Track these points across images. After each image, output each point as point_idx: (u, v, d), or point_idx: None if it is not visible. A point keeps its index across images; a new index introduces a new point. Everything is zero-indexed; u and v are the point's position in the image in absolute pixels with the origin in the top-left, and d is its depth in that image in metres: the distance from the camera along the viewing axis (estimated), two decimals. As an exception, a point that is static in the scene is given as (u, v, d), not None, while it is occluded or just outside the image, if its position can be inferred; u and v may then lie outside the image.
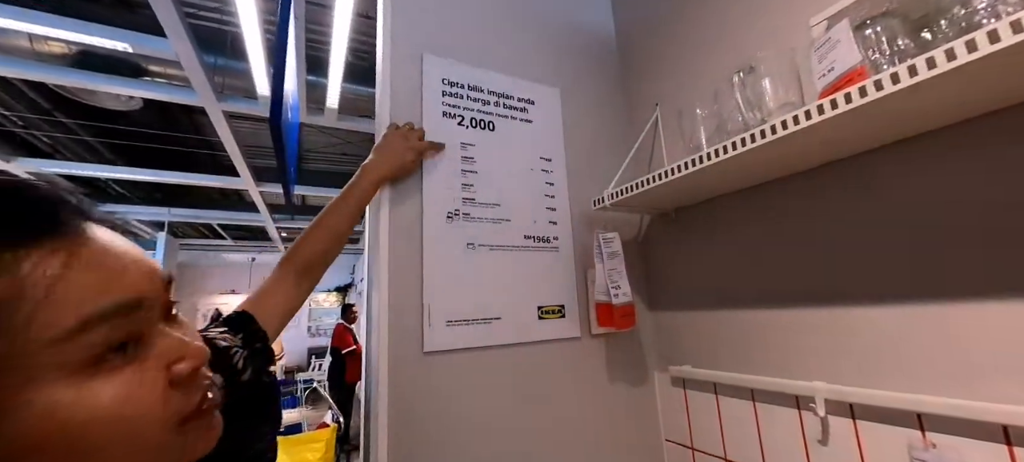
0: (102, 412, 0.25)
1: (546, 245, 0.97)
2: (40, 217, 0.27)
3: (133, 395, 0.27)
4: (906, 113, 0.55)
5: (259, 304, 0.61)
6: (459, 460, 0.79)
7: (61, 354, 0.25)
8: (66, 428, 0.25)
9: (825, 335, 0.73)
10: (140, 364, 0.28)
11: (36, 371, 0.24)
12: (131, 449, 0.27)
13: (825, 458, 0.72)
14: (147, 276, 0.30)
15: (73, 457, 0.25)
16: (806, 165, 0.75)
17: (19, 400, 0.24)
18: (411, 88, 0.90)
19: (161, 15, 2.01)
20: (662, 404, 1.04)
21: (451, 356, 0.82)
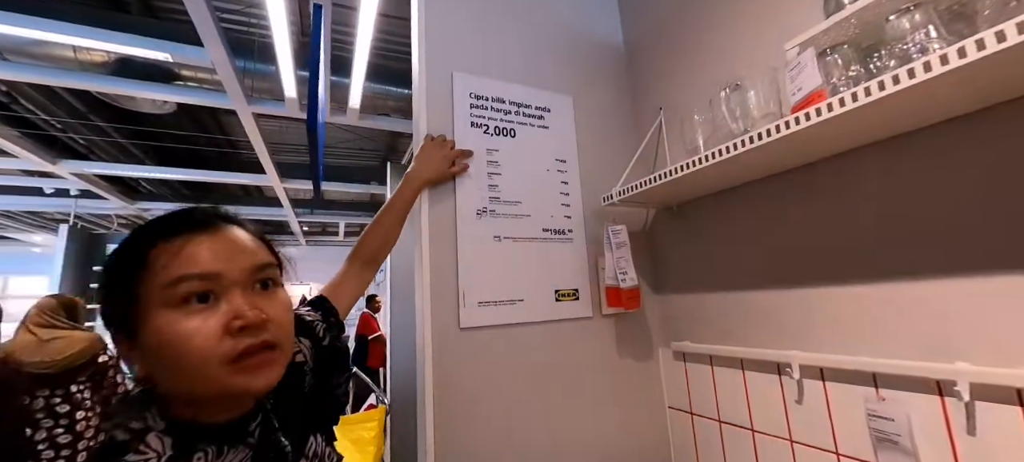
0: (178, 335, 0.40)
1: (562, 236, 1.11)
2: (194, 221, 0.46)
3: (196, 329, 0.41)
4: (858, 126, 0.67)
5: (334, 290, 0.77)
6: (490, 418, 0.95)
7: (166, 296, 0.41)
8: (164, 340, 0.41)
9: (800, 312, 0.86)
10: (211, 313, 0.42)
11: (156, 303, 0.41)
12: (197, 365, 0.41)
13: (800, 413, 0.85)
14: (227, 260, 0.44)
15: (171, 360, 0.41)
16: (783, 167, 0.87)
17: (152, 318, 0.41)
18: (443, 103, 1.04)
19: (200, 26, 2.17)
20: (665, 375, 1.18)
21: (483, 332, 0.97)
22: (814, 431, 0.83)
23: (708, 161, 0.82)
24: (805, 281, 0.85)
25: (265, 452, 0.47)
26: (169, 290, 0.41)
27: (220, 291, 0.43)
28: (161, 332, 0.40)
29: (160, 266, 0.41)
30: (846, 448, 0.78)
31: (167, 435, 0.42)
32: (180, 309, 0.41)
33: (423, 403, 0.90)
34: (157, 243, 0.43)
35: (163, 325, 0.40)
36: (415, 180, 0.94)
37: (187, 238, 0.43)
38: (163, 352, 0.40)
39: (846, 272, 0.79)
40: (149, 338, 0.41)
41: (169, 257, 0.42)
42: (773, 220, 0.92)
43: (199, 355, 0.40)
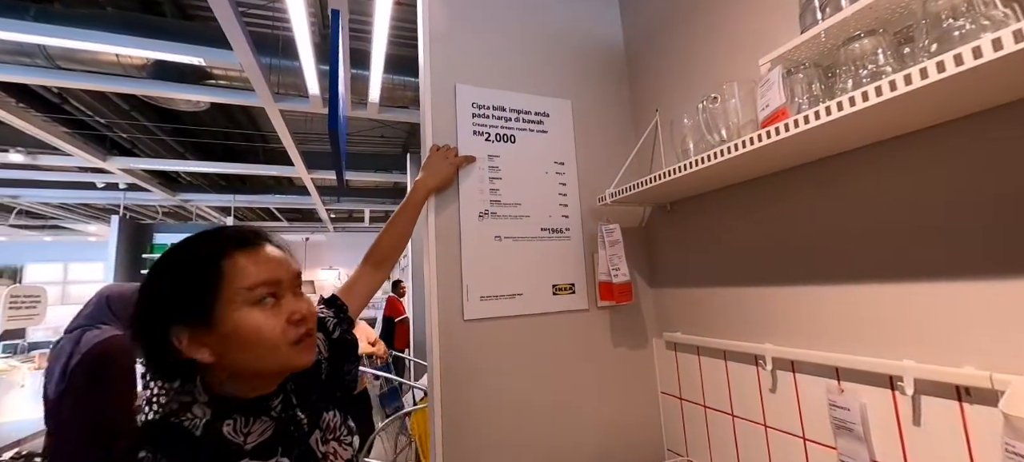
0: (255, 325, 0.54)
1: (559, 235, 1.19)
2: (251, 238, 0.59)
3: (268, 322, 0.55)
4: (818, 141, 0.72)
5: (347, 290, 0.90)
6: (493, 403, 1.06)
7: (247, 295, 0.54)
8: (242, 329, 0.53)
9: (774, 308, 0.92)
10: (276, 309, 0.56)
11: (240, 300, 0.54)
12: (268, 349, 0.54)
13: (773, 401, 0.92)
14: (284, 269, 0.58)
15: (249, 343, 0.54)
16: (759, 173, 0.92)
17: (235, 310, 0.53)
18: (447, 113, 1.13)
19: (225, 26, 2.31)
20: (658, 364, 1.26)
21: (485, 323, 1.08)
22: (785, 417, 0.90)
23: (689, 169, 0.88)
24: (779, 279, 0.91)
25: (285, 423, 0.60)
26: (250, 292, 0.54)
27: (280, 293, 0.57)
28: (243, 323, 0.53)
29: (239, 271, 0.54)
30: (811, 434, 0.85)
31: (208, 406, 0.55)
32: (256, 306, 0.54)
33: (432, 387, 1.02)
34: (229, 252, 0.55)
35: (245, 317, 0.53)
36: (422, 187, 1.04)
37: (256, 251, 0.57)
38: (243, 337, 0.53)
39: (814, 272, 0.84)
40: (229, 327, 0.53)
41: (246, 264, 0.55)
42: (752, 221, 0.97)
43: (272, 339, 0.54)
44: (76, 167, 4.33)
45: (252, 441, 0.55)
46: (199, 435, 0.52)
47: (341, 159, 2.34)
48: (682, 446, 1.18)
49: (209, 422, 0.53)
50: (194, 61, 2.65)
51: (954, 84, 0.51)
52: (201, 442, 0.52)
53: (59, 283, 8.02)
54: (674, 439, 1.21)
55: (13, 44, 2.78)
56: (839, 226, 0.80)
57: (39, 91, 3.51)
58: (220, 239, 0.57)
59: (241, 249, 0.56)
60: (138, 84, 3.02)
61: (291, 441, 0.59)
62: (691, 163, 0.87)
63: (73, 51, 2.85)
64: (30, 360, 2.94)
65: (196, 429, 0.53)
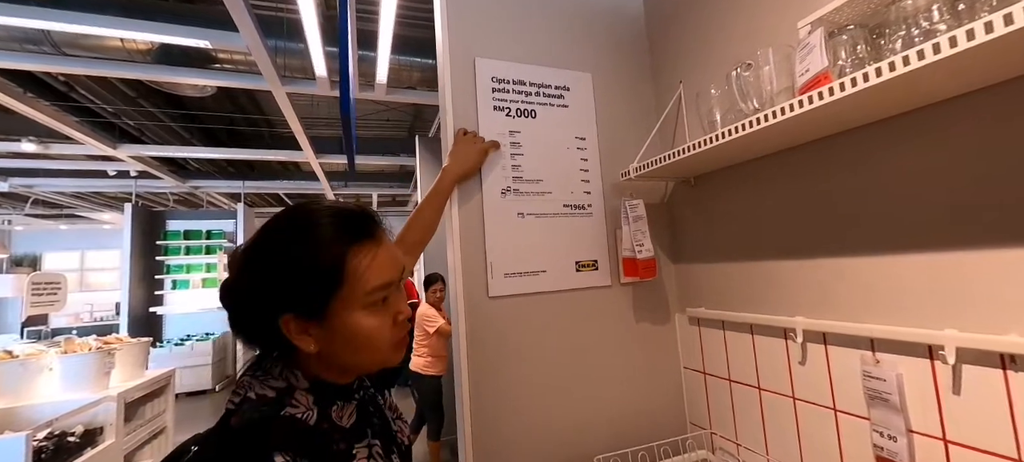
0: (368, 329, 0.52)
1: (581, 211, 1.18)
2: (371, 227, 0.55)
3: (381, 324, 0.53)
4: (862, 106, 0.70)
5: None
6: (518, 378, 1.07)
7: (365, 299, 0.52)
8: (355, 331, 0.51)
9: (806, 281, 0.91)
10: (387, 311, 0.54)
11: (358, 303, 0.51)
12: (376, 349, 0.53)
13: (802, 373, 0.92)
14: (398, 267, 0.56)
15: (359, 344, 0.52)
16: (794, 143, 0.90)
17: (350, 312, 0.51)
18: (467, 89, 1.11)
19: (233, 12, 2.27)
20: (681, 338, 1.26)
21: (509, 300, 1.08)
22: (815, 390, 0.90)
23: (721, 140, 0.86)
24: (810, 252, 0.90)
25: (366, 405, 0.60)
26: (368, 297, 0.51)
27: (391, 293, 0.55)
28: (357, 325, 0.51)
29: (359, 274, 0.51)
30: (843, 404, 0.85)
31: (310, 393, 0.52)
32: (372, 309, 0.52)
33: (459, 364, 1.03)
34: (352, 247, 0.51)
35: (359, 320, 0.51)
36: (449, 175, 1.03)
37: (375, 247, 0.53)
38: (352, 338, 0.51)
39: (848, 244, 0.83)
40: (341, 327, 0.51)
41: (367, 266, 0.51)
42: (783, 193, 0.95)
43: (382, 342, 0.53)
44: (86, 155, 4.35)
45: (347, 424, 0.54)
46: (314, 425, 0.50)
47: (352, 142, 2.33)
48: (705, 419, 1.19)
49: (320, 411, 0.51)
50: (199, 44, 2.62)
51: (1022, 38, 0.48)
52: (320, 433, 0.50)
53: (77, 270, 8.18)
54: (697, 413, 1.22)
55: (19, 31, 2.77)
56: (876, 196, 0.78)
57: (47, 80, 3.50)
58: (343, 227, 0.53)
59: (364, 244, 0.52)
60: (143, 69, 3.00)
61: (373, 422, 0.59)
62: (723, 134, 0.85)
63: (78, 37, 2.84)
64: (56, 345, 3.02)
65: (309, 418, 0.50)
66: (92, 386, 2.77)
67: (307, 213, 0.53)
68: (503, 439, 1.03)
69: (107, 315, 7.48)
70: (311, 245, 0.51)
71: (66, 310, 6.69)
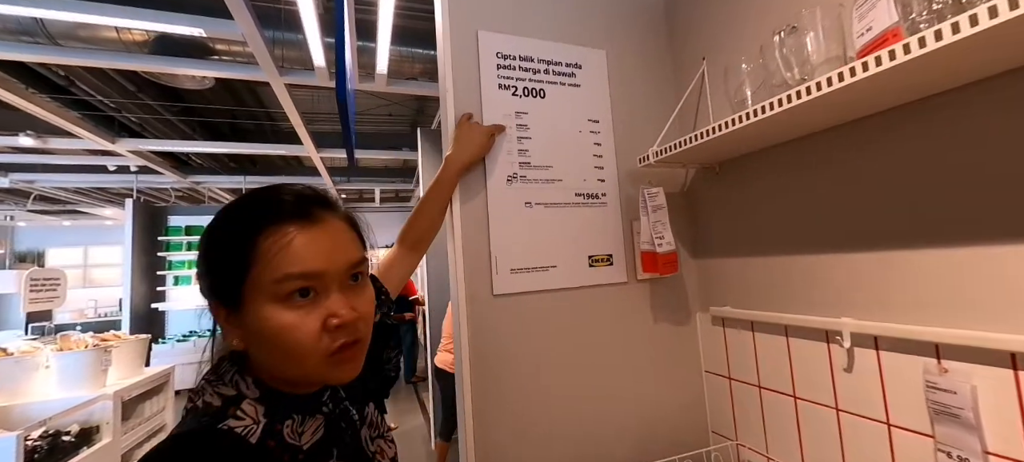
0: (282, 328, 0.42)
1: (595, 201, 1.07)
2: (304, 208, 0.46)
3: (297, 325, 0.43)
4: (936, 68, 0.59)
5: (385, 271, 0.83)
6: (525, 382, 0.97)
7: (273, 290, 0.43)
8: (268, 330, 0.43)
9: (854, 276, 0.80)
10: (311, 309, 0.44)
11: (263, 293, 0.43)
12: (296, 357, 0.43)
13: (849, 381, 0.81)
14: (328, 258, 0.45)
15: (271, 346, 0.44)
16: (844, 119, 0.79)
17: (257, 306, 0.43)
18: (469, 65, 1.00)
19: (228, 0, 2.19)
20: (703, 340, 1.16)
21: (516, 298, 0.98)
22: (864, 401, 0.79)
23: (758, 116, 0.75)
24: (859, 244, 0.79)
25: (337, 420, 0.51)
26: (276, 285, 0.42)
27: (320, 288, 0.44)
28: (266, 321, 0.42)
29: (269, 258, 0.43)
30: (899, 419, 0.74)
31: (260, 403, 0.45)
32: (284, 303, 0.43)
33: (461, 368, 0.93)
34: (265, 229, 0.44)
35: (269, 315, 0.42)
36: (454, 163, 0.93)
37: (296, 230, 0.44)
38: (265, 337, 0.43)
39: (909, 233, 0.72)
40: (253, 322, 0.43)
41: (277, 250, 0.43)
42: (827, 177, 0.84)
43: (299, 348, 0.43)
44: (86, 150, 4.30)
45: (306, 442, 0.46)
46: (257, 442, 0.43)
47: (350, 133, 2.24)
48: (730, 429, 1.08)
49: (267, 426, 0.44)
50: (193, 32, 2.53)
51: None
52: (263, 452, 0.43)
53: (80, 266, 8.18)
54: (721, 421, 1.11)
55: (13, 21, 2.71)
56: (945, 177, 0.67)
57: (47, 74, 3.45)
58: (266, 205, 0.46)
59: (283, 225, 0.44)
60: (139, 60, 2.92)
61: (343, 440, 0.50)
62: (760, 110, 0.74)
63: (74, 28, 2.78)
64: (53, 342, 2.96)
65: (251, 434, 0.43)
66: (88, 384, 2.71)
67: (248, 195, 0.49)
68: (506, 449, 0.93)
69: (111, 311, 7.47)
70: (228, 224, 0.47)
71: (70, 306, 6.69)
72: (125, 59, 2.92)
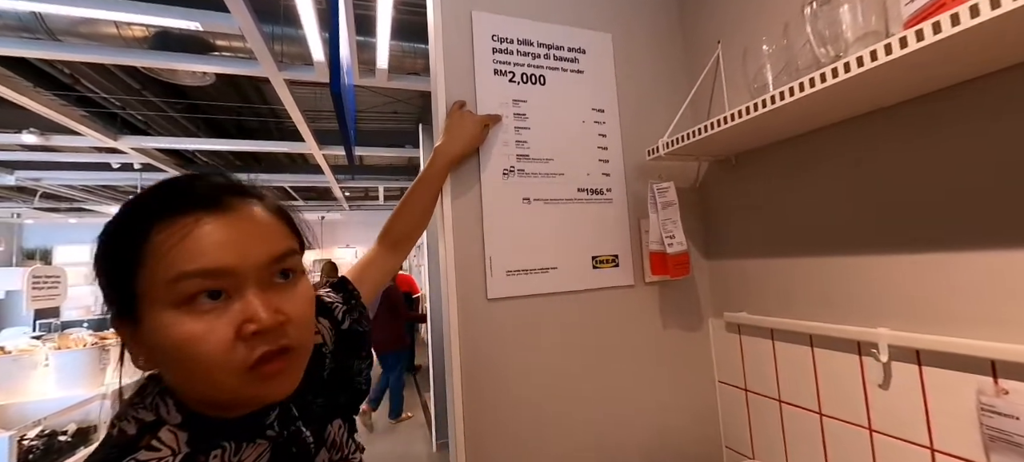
0: (182, 340, 0.35)
1: (599, 197, 0.99)
2: (206, 195, 0.38)
3: (202, 335, 0.35)
4: (1011, 38, 0.50)
5: (359, 272, 0.73)
6: (521, 395, 0.89)
7: (170, 292, 0.35)
8: (167, 344, 0.35)
9: (890, 281, 0.71)
10: (222, 312, 0.36)
11: (159, 298, 0.35)
12: (207, 373, 0.36)
13: (885, 401, 0.72)
14: (240, 251, 0.37)
15: (176, 362, 0.37)
16: (880, 104, 0.70)
17: (154, 315, 0.36)
18: (462, 48, 0.92)
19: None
20: (716, 348, 1.07)
21: (512, 302, 0.90)
22: (902, 422, 0.70)
23: (784, 99, 0.66)
24: (903, 244, 0.70)
25: (286, 445, 0.43)
26: (172, 287, 0.35)
27: (232, 289, 0.37)
28: (165, 331, 0.35)
29: (162, 254, 0.35)
30: (945, 444, 0.65)
31: (183, 430, 0.38)
32: (186, 308, 0.35)
33: (451, 379, 0.85)
34: (156, 223, 0.36)
35: (167, 324, 0.35)
36: (444, 155, 0.85)
37: (194, 220, 0.36)
38: (168, 353, 0.36)
39: (961, 234, 0.62)
40: (151, 335, 0.36)
41: (171, 245, 0.35)
42: (861, 169, 0.75)
43: (208, 362, 0.35)
44: (90, 147, 4.30)
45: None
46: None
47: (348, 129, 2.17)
48: (746, 445, 0.99)
49: (188, 457, 0.37)
50: (190, 26, 2.49)
51: None
52: None
53: (87, 264, 8.24)
54: (735, 437, 1.02)
55: (13, 17, 2.70)
56: (1007, 168, 0.58)
57: (51, 72, 3.44)
58: (166, 194, 0.39)
59: (182, 215, 0.36)
60: (138, 55, 2.89)
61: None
62: (789, 91, 0.65)
63: (74, 25, 2.77)
64: (51, 340, 2.95)
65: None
66: (86, 383, 2.68)
67: (152, 186, 0.40)
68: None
69: (118, 309, 7.50)
70: (121, 218, 0.39)
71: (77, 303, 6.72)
72: (124, 54, 2.89)
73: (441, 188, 0.86)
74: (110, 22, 2.75)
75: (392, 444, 3.71)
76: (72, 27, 2.87)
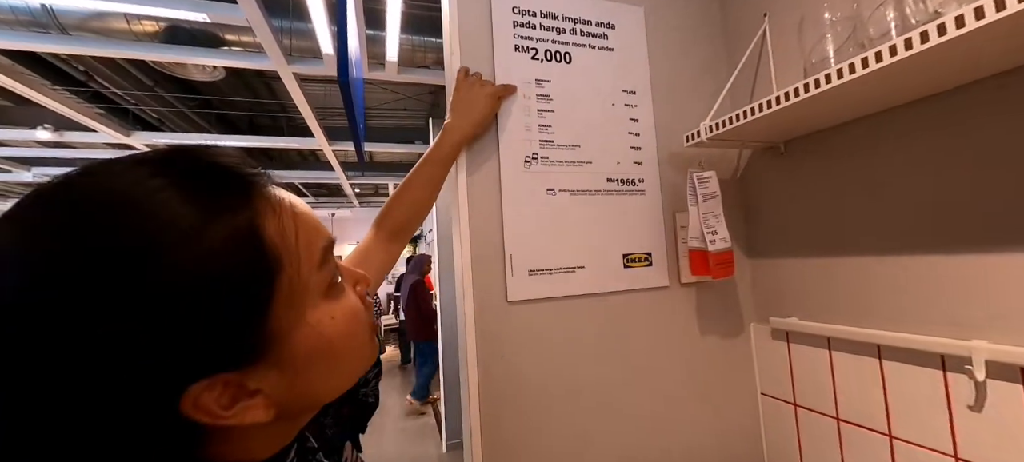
0: (342, 323, 0.31)
1: (631, 188, 0.89)
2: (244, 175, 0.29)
3: (355, 308, 0.33)
4: None
5: (359, 263, 0.64)
6: (544, 406, 0.80)
7: (319, 281, 0.30)
8: (336, 333, 0.30)
9: (987, 286, 0.60)
10: (345, 286, 0.33)
11: (312, 291, 0.29)
12: (357, 352, 0.33)
13: (977, 425, 0.61)
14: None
15: (334, 361, 0.30)
16: (985, 72, 0.59)
17: (307, 316, 0.28)
18: (479, 21, 0.83)
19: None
20: (759, 357, 0.96)
21: (534, 306, 0.80)
22: (998, 451, 0.59)
23: (866, 68, 0.56)
24: (1004, 243, 0.59)
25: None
26: (323, 269, 0.30)
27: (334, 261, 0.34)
28: (331, 322, 0.30)
29: (292, 241, 0.28)
30: (1064, 482, 0.54)
31: None
32: (336, 287, 0.32)
33: (466, 389, 0.76)
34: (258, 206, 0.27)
35: (331, 313, 0.30)
36: (455, 132, 0.75)
37: (275, 196, 0.29)
38: (332, 346, 0.30)
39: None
40: (307, 343, 0.28)
41: (291, 227, 0.28)
42: (947, 155, 0.64)
43: (366, 335, 0.34)
44: (103, 143, 4.32)
45: None
46: None
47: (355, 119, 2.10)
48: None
49: None
50: (197, 17, 2.45)
51: None
52: None
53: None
54: (782, 456, 0.92)
55: (26, 12, 2.70)
56: None
57: (65, 69, 3.45)
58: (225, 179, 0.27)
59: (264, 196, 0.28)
60: (148, 49, 2.88)
61: None
62: (876, 56, 0.54)
63: (85, 20, 2.77)
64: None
65: None
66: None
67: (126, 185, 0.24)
68: (526, 492, 0.77)
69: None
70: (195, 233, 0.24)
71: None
72: (133, 48, 2.87)
73: (447, 172, 0.76)
74: (120, 16, 2.74)
75: (402, 445, 3.65)
76: (83, 22, 2.88)
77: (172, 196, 0.24)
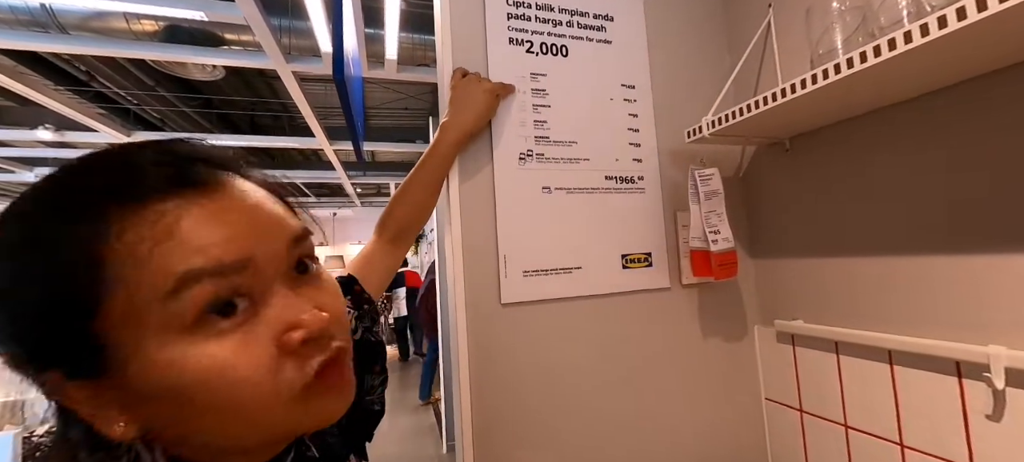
0: (204, 374, 0.24)
1: (630, 186, 0.86)
2: (176, 172, 0.26)
3: (235, 361, 0.25)
4: None
5: (363, 267, 0.62)
6: (540, 412, 0.77)
7: (169, 312, 0.24)
8: (175, 385, 0.24)
9: (1006, 289, 0.56)
10: (249, 328, 0.26)
11: (154, 326, 0.24)
12: (242, 415, 0.25)
13: (995, 434, 0.58)
14: (261, 234, 0.27)
15: (204, 412, 0.25)
16: (993, 66, 0.55)
17: (146, 353, 0.24)
18: (473, 12, 0.80)
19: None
20: (763, 361, 0.93)
21: (529, 308, 0.78)
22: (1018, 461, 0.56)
23: (875, 58, 0.53)
24: (1015, 242, 0.55)
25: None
26: (171, 302, 0.24)
27: (254, 290, 0.26)
28: (172, 370, 0.24)
29: (140, 260, 0.24)
30: (1091, 498, 0.51)
31: None
32: (197, 330, 0.24)
33: (459, 396, 0.74)
34: (123, 211, 0.24)
35: (176, 360, 0.24)
36: (452, 130, 0.73)
37: (182, 203, 0.25)
38: (179, 399, 0.25)
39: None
40: (149, 379, 0.24)
41: (150, 246, 0.24)
42: (964, 151, 0.61)
43: (250, 394, 0.25)
44: (105, 144, 4.33)
45: None
46: None
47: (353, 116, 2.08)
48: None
49: None
50: (196, 16, 2.43)
51: None
52: None
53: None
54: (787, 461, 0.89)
55: (25, 12, 2.70)
56: None
57: (67, 69, 3.46)
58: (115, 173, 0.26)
59: (156, 200, 0.25)
60: (147, 48, 2.87)
61: None
62: (898, 38, 0.51)
63: (85, 20, 2.77)
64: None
65: None
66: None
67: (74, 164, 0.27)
68: (520, 501, 0.74)
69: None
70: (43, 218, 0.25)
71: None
72: (133, 47, 2.86)
73: (447, 172, 0.74)
74: (120, 16, 2.74)
75: (402, 446, 3.63)
76: (83, 22, 2.88)
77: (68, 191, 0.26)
